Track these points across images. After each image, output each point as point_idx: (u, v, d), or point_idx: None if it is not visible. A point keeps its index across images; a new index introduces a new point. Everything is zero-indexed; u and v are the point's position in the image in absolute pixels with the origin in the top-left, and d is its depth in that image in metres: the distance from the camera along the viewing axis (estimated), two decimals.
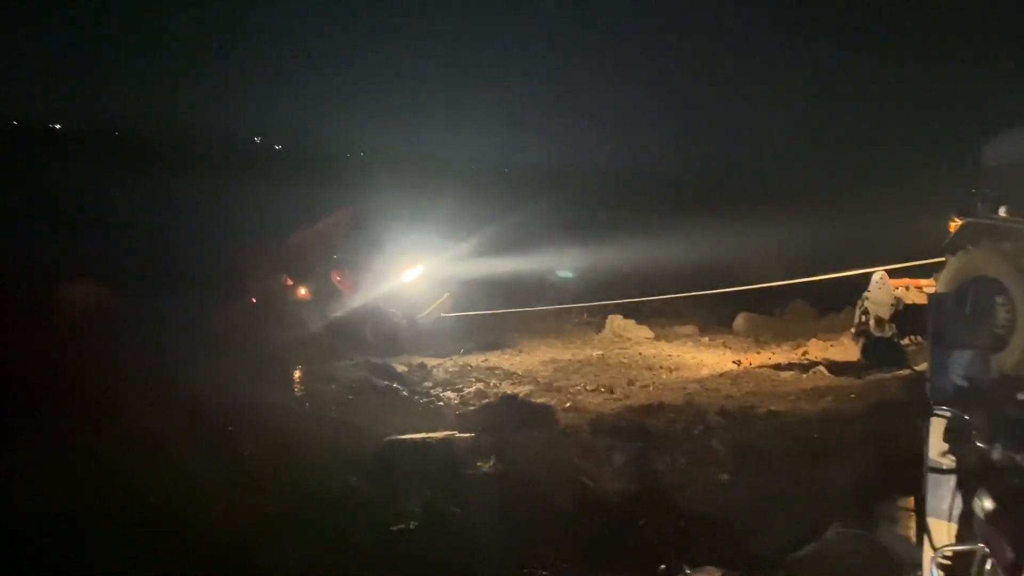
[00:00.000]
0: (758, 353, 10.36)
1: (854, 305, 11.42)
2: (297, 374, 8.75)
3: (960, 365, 3.15)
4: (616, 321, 12.53)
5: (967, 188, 8.12)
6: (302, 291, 11.57)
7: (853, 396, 6.83)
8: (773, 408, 6.59)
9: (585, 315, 13.75)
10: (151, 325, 9.24)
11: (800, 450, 5.73)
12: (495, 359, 10.49)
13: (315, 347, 9.79)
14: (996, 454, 2.48)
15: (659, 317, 12.96)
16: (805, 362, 9.25)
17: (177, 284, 11.14)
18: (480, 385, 8.82)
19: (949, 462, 2.84)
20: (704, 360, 9.97)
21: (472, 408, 7.46)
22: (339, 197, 18.03)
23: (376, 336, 10.69)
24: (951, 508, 2.79)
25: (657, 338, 11.82)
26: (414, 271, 12.16)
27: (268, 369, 8.43)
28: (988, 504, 2.44)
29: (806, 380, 7.84)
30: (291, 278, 11.69)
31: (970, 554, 2.56)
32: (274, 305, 11.35)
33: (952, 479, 2.76)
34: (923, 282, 9.02)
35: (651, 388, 8.19)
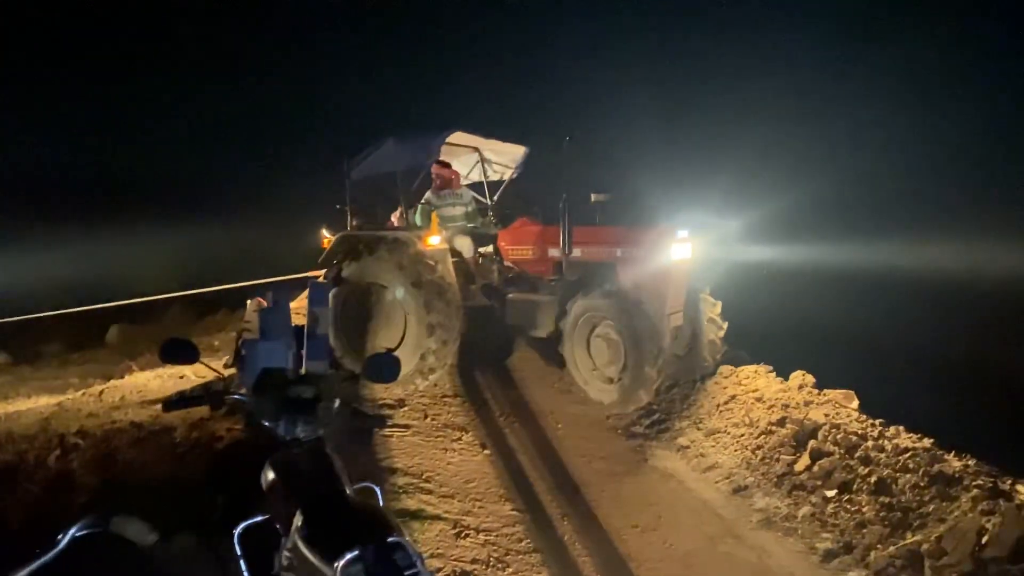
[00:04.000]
0: (132, 362, 10.06)
1: (231, 306, 12.00)
2: None
3: (263, 358, 3.65)
4: None
5: (330, 203, 9.08)
6: None
7: None
8: (136, 419, 6.54)
9: None
10: None
11: (162, 456, 5.83)
12: None
13: None
14: (279, 431, 2.94)
15: (20, 338, 11.53)
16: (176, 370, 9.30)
17: None
18: None
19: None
20: (70, 380, 9.28)
21: None
22: None
23: None
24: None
25: (16, 362, 10.55)
26: None
27: None
28: (270, 475, 2.88)
29: (172, 386, 7.95)
30: None
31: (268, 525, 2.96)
32: None
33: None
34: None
35: (22, 415, 7.30)
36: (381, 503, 2.91)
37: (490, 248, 8.89)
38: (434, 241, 7.85)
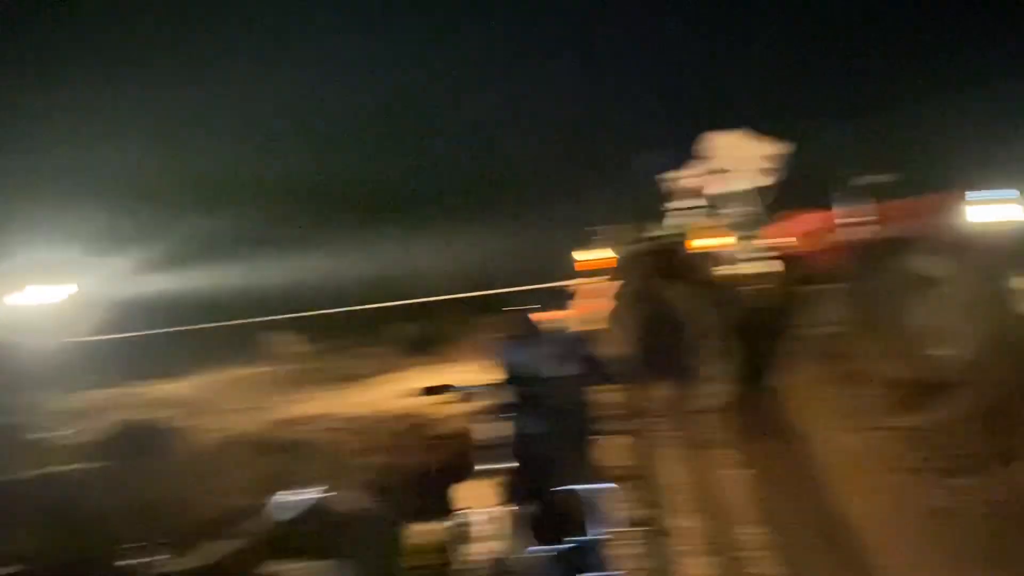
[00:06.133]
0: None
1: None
2: None
3: (511, 356, 3.78)
4: (285, 337, 12.57)
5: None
6: None
7: None
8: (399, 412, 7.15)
9: (260, 333, 13.45)
10: None
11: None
12: (146, 386, 10.03)
13: None
14: (519, 426, 3.15)
15: (334, 330, 13.06)
16: None
17: None
18: (123, 414, 8.38)
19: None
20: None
21: (99, 440, 7.13)
22: None
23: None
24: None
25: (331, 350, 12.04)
26: (56, 291, 11.13)
27: None
28: (508, 466, 3.09)
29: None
30: None
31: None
32: None
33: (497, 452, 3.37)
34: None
35: (311, 400, 8.41)
36: (589, 505, 3.03)
37: None
38: None
